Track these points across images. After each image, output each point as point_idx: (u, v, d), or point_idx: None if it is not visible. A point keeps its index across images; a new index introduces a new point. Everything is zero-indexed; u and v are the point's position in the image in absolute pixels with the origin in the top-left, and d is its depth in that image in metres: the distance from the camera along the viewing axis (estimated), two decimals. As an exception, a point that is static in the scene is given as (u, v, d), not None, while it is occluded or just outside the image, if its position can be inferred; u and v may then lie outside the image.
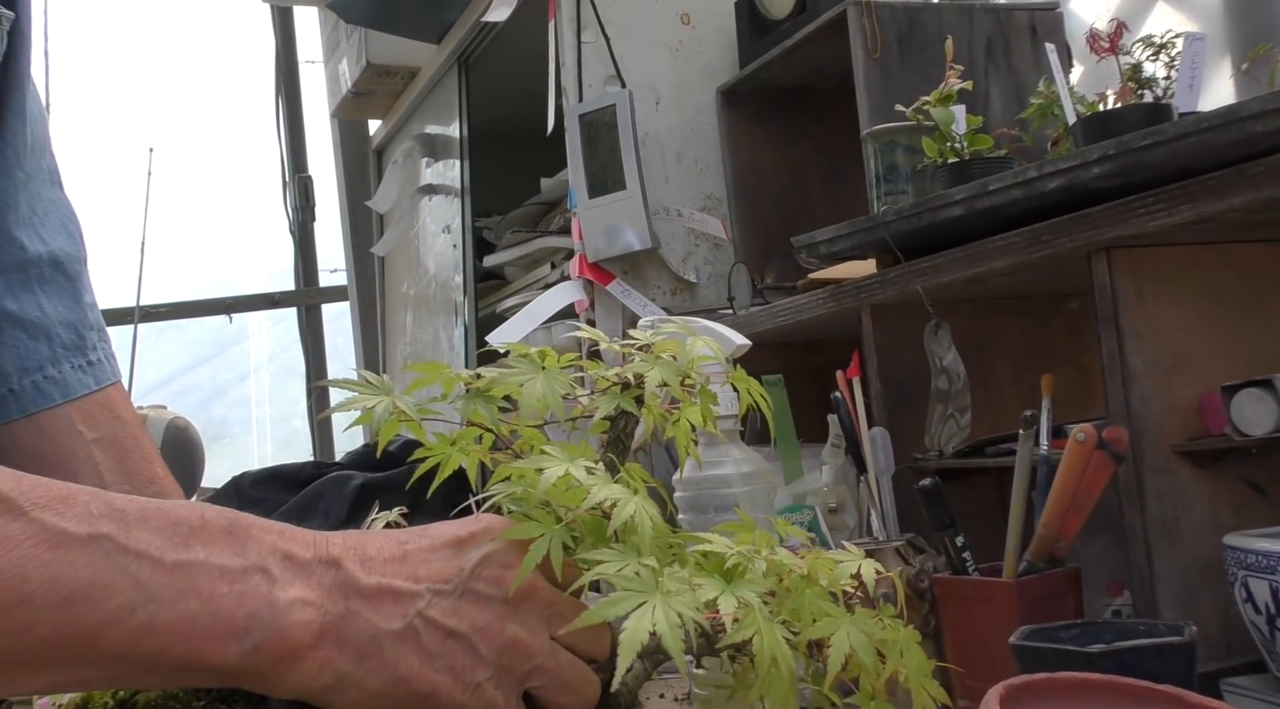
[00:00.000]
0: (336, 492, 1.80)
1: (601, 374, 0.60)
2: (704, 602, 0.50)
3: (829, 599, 0.54)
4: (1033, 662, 0.80)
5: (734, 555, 0.53)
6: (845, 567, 0.55)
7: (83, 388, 0.84)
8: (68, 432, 0.83)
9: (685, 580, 0.51)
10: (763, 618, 0.49)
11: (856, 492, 1.22)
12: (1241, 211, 0.88)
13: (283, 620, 0.51)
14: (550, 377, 0.56)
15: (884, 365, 1.27)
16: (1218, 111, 0.87)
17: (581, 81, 1.86)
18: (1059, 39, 1.62)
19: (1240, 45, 1.51)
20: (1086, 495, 0.93)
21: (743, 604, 0.50)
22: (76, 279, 0.86)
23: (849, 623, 0.52)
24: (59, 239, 0.85)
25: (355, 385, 0.57)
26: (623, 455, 0.60)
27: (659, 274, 1.86)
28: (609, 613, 0.49)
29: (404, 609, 0.54)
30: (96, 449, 0.84)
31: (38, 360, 0.82)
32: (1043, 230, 1.03)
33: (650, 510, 0.53)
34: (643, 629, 0.47)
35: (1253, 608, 0.85)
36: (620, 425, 0.59)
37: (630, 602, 0.48)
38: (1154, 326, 0.99)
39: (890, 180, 1.32)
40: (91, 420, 0.85)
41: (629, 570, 0.50)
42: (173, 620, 0.49)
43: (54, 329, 0.83)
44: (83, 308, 0.86)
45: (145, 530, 0.50)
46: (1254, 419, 0.93)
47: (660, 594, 0.49)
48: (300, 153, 3.70)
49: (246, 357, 4.01)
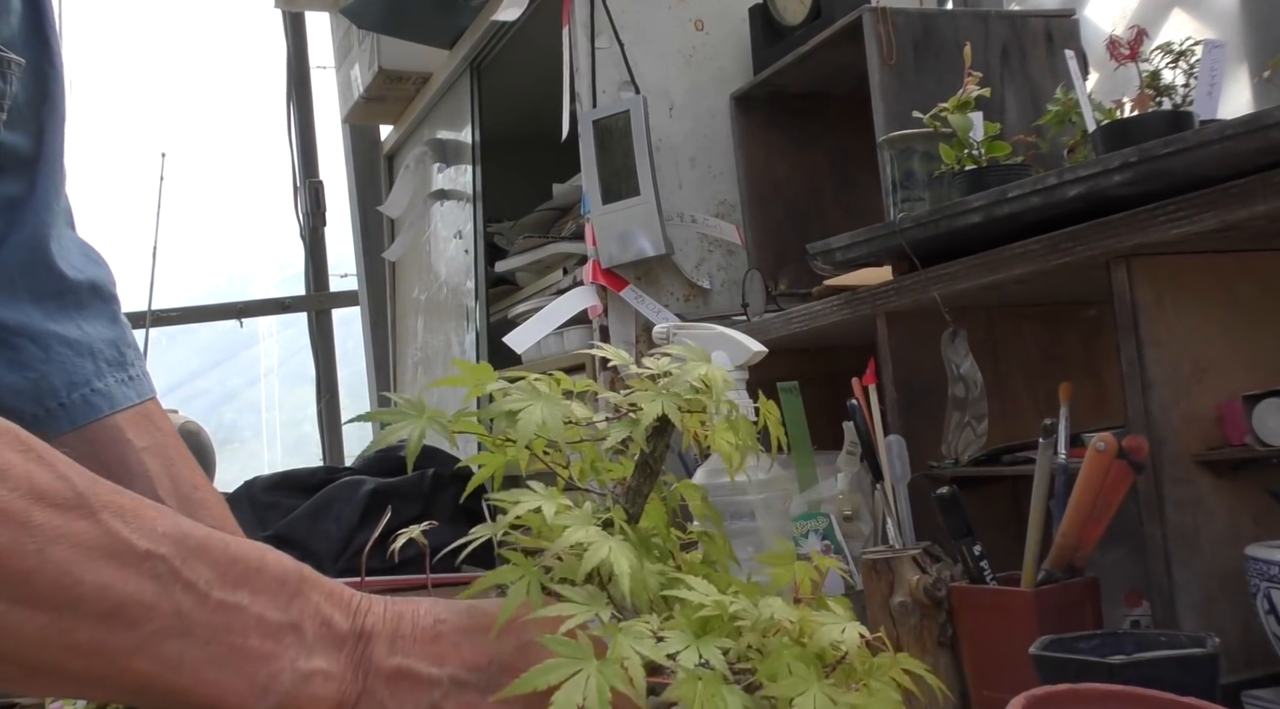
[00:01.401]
0: (348, 497, 1.80)
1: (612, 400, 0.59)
2: (665, 655, 0.48)
3: (812, 660, 0.52)
4: (1053, 672, 0.79)
5: (710, 607, 0.51)
6: (828, 630, 0.53)
7: (126, 400, 0.87)
8: (118, 440, 0.86)
9: (650, 632, 0.49)
10: (708, 685, 0.47)
11: (872, 499, 1.22)
12: (1264, 220, 0.87)
13: (301, 690, 0.51)
14: (550, 403, 0.55)
15: (899, 373, 1.26)
16: (1241, 119, 0.86)
17: (595, 87, 1.86)
18: (1075, 46, 1.61)
19: (1257, 52, 1.51)
20: (1106, 505, 0.92)
21: (686, 671, 0.48)
22: (113, 301, 0.91)
23: (819, 687, 0.50)
24: (90, 268, 0.89)
25: (389, 415, 0.56)
26: (649, 481, 0.59)
27: (672, 280, 1.85)
28: (539, 681, 0.47)
29: (419, 697, 0.53)
30: (145, 457, 0.87)
31: (84, 375, 0.85)
32: (1062, 238, 1.02)
33: (629, 555, 0.51)
34: (571, 703, 0.46)
35: (1275, 619, 0.85)
36: (650, 448, 0.58)
37: (562, 671, 0.47)
38: (1174, 335, 0.99)
39: (906, 187, 1.31)
40: (137, 430, 0.88)
41: (581, 635, 0.48)
42: (201, 660, 0.49)
43: (97, 346, 0.87)
44: (120, 327, 0.91)
45: (202, 561, 0.50)
46: (1276, 429, 0.92)
47: (594, 663, 0.47)
48: (311, 158, 3.70)
49: (257, 361, 4.01)
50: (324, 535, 1.75)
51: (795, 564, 0.59)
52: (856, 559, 1.17)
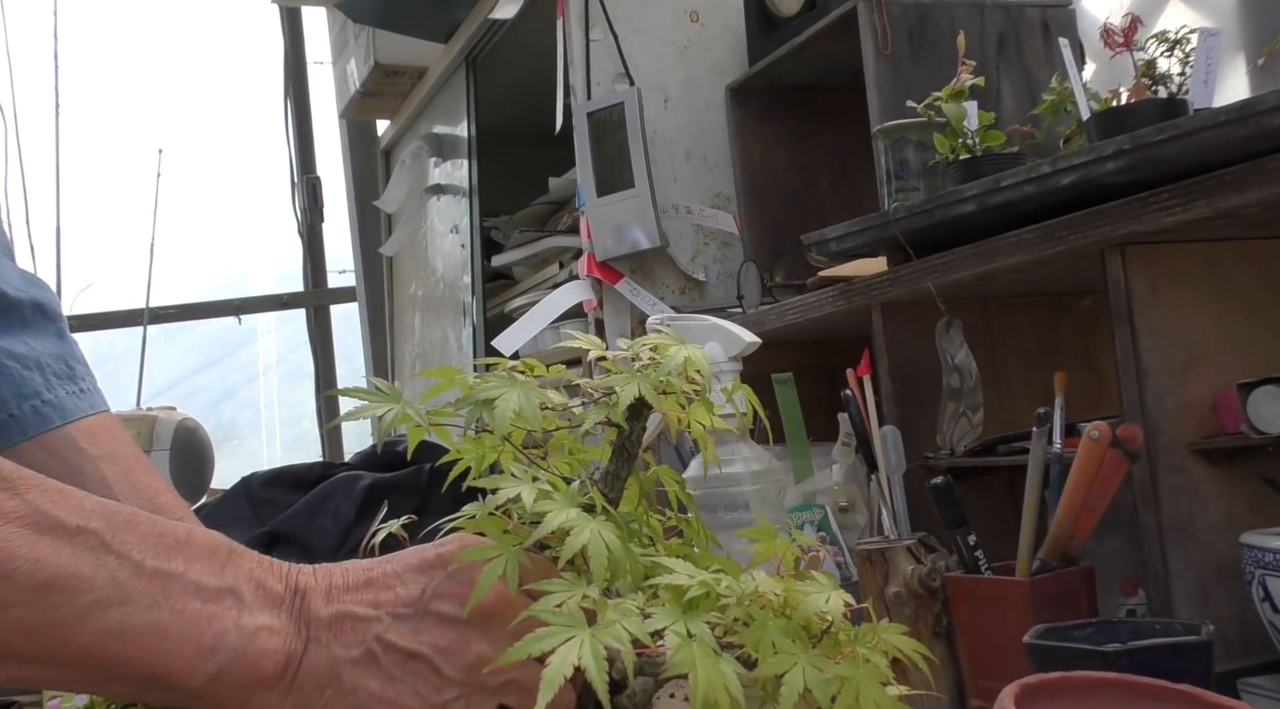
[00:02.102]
0: (345, 492, 1.79)
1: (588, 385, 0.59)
2: (650, 633, 0.49)
3: (798, 631, 0.52)
4: (1047, 661, 0.79)
5: (695, 585, 0.52)
6: (813, 600, 0.54)
7: (79, 411, 0.87)
8: (72, 449, 0.86)
9: (637, 610, 0.50)
10: (703, 653, 0.48)
11: (867, 490, 1.21)
12: (1258, 207, 0.87)
13: (249, 646, 0.52)
14: (526, 389, 0.55)
15: (895, 363, 1.26)
16: (1234, 106, 0.86)
17: (590, 80, 1.85)
18: (1071, 35, 1.61)
19: (1254, 41, 1.50)
20: (1100, 494, 0.92)
21: (681, 637, 0.49)
22: (58, 319, 0.90)
23: (806, 659, 0.50)
24: (34, 289, 0.88)
25: (364, 394, 0.56)
26: (627, 464, 0.59)
27: (668, 273, 1.85)
28: (534, 648, 0.48)
29: (361, 635, 0.54)
30: (102, 465, 0.86)
31: (33, 387, 0.85)
32: (1056, 226, 1.02)
33: (609, 536, 0.52)
34: (567, 664, 0.47)
35: (1270, 607, 0.84)
36: (625, 434, 0.58)
37: (556, 637, 0.48)
38: (1168, 324, 0.98)
39: (901, 177, 1.31)
40: (93, 439, 0.87)
41: (572, 602, 0.49)
42: (143, 627, 0.50)
43: (44, 360, 0.87)
44: (67, 343, 0.90)
45: (132, 534, 0.51)
46: (1271, 417, 0.92)
47: (588, 630, 0.48)
48: (308, 153, 3.70)
49: (255, 358, 4.01)
50: (321, 531, 1.75)
51: (777, 540, 0.59)
52: (852, 550, 1.17)
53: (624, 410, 0.56)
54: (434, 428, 0.58)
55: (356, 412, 0.55)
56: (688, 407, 0.58)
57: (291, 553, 1.71)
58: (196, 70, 3.97)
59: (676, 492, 0.65)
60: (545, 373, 0.60)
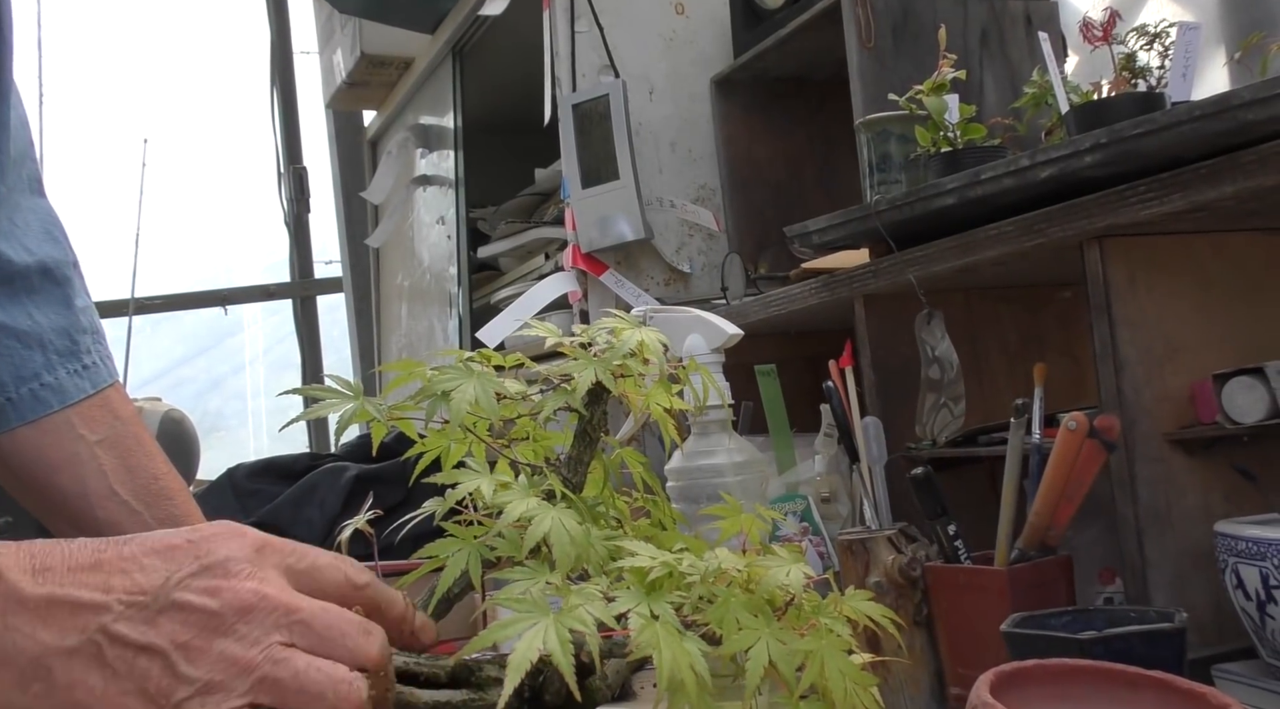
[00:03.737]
0: (331, 483, 1.80)
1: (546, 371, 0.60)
2: (614, 615, 0.49)
3: (762, 606, 0.53)
4: (1024, 649, 0.80)
5: (657, 566, 0.52)
6: (774, 573, 0.54)
7: (79, 392, 0.85)
8: (69, 436, 0.84)
9: (601, 594, 0.50)
10: (667, 633, 0.48)
11: (849, 481, 1.22)
12: (1233, 200, 0.88)
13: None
14: (482, 380, 0.55)
15: (877, 355, 1.27)
16: (1209, 100, 0.87)
17: (575, 71, 1.85)
18: (1053, 28, 1.62)
19: (1235, 35, 1.51)
20: (1078, 484, 0.93)
21: (644, 619, 0.49)
22: (66, 284, 0.87)
23: (769, 634, 0.51)
24: (45, 246, 0.85)
25: (322, 392, 0.56)
26: (589, 449, 0.60)
27: (652, 264, 1.85)
28: (500, 635, 0.48)
29: (82, 623, 0.48)
30: (99, 450, 0.85)
31: (33, 368, 0.83)
32: (1035, 219, 1.03)
33: (569, 523, 0.52)
34: (533, 649, 0.46)
35: (1243, 594, 0.86)
36: (586, 419, 0.58)
37: (521, 624, 0.48)
38: (1146, 315, 0.99)
39: (883, 170, 1.31)
40: (92, 423, 0.86)
41: (535, 589, 0.49)
42: None
43: (47, 336, 0.84)
44: (74, 312, 0.87)
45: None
46: (1245, 407, 0.93)
47: (551, 616, 0.48)
48: (295, 144, 3.69)
49: (242, 349, 4.01)
50: (307, 522, 1.75)
51: (742, 516, 0.60)
52: (834, 540, 1.18)
53: (583, 396, 0.57)
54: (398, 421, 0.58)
55: (315, 409, 0.55)
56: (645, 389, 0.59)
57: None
58: (182, 60, 3.95)
59: (641, 473, 0.65)
60: (503, 363, 0.60)
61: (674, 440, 0.63)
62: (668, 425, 0.61)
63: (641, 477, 0.66)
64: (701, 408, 0.69)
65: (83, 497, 0.84)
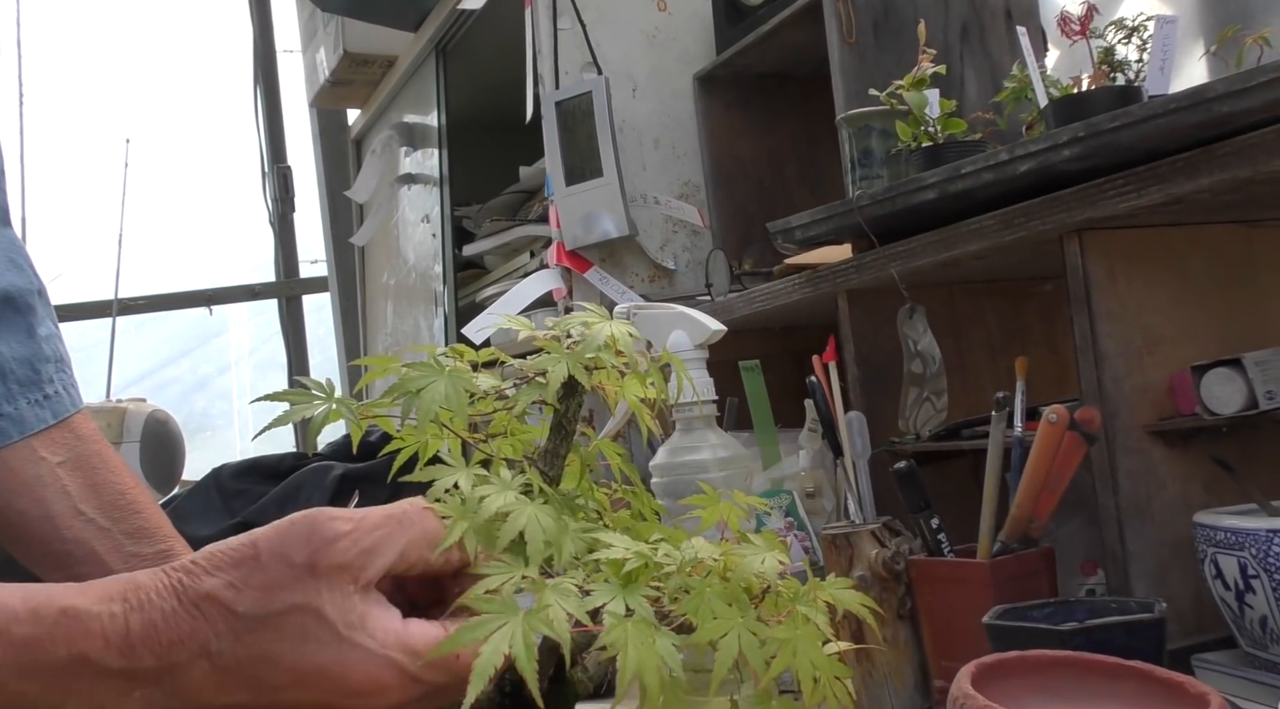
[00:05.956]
0: (317, 482, 1.79)
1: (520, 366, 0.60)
2: (590, 609, 0.49)
3: (737, 595, 0.53)
4: (1005, 640, 0.81)
5: (632, 558, 0.52)
6: (750, 561, 0.54)
7: (40, 423, 0.85)
8: (31, 459, 0.84)
9: (576, 588, 0.50)
10: (638, 631, 0.48)
11: (834, 475, 1.23)
12: (1210, 192, 0.88)
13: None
14: (453, 377, 0.55)
15: (860, 350, 1.27)
16: (1185, 93, 0.87)
17: (558, 69, 1.85)
18: (1033, 23, 1.62)
19: (1214, 29, 1.52)
20: (1059, 476, 0.94)
21: (614, 616, 0.49)
22: (29, 313, 0.86)
23: (742, 624, 0.51)
24: (8, 275, 0.85)
25: (295, 395, 0.56)
26: (565, 442, 0.60)
27: (637, 261, 1.86)
28: (466, 639, 0.48)
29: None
30: (62, 472, 0.85)
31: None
32: (1015, 213, 1.03)
33: (545, 518, 0.52)
34: (498, 654, 0.46)
35: (1222, 584, 0.86)
36: (561, 412, 0.59)
37: (488, 626, 0.47)
38: (1125, 308, 1.00)
39: (865, 165, 1.32)
40: (53, 446, 0.85)
41: (507, 588, 0.49)
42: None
43: (8, 366, 0.84)
44: (37, 341, 0.87)
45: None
46: (1223, 398, 0.94)
47: (520, 616, 0.48)
48: (279, 143, 3.68)
49: (227, 349, 3.99)
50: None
51: (721, 503, 0.60)
52: (819, 535, 1.18)
53: (556, 390, 0.57)
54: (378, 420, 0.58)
55: (289, 414, 0.55)
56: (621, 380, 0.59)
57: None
58: (164, 59, 3.93)
59: (619, 465, 0.66)
60: (476, 358, 0.60)
61: (651, 430, 0.63)
62: (644, 415, 0.61)
63: (620, 468, 0.66)
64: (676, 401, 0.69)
65: (47, 519, 0.83)
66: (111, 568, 0.84)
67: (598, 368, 0.58)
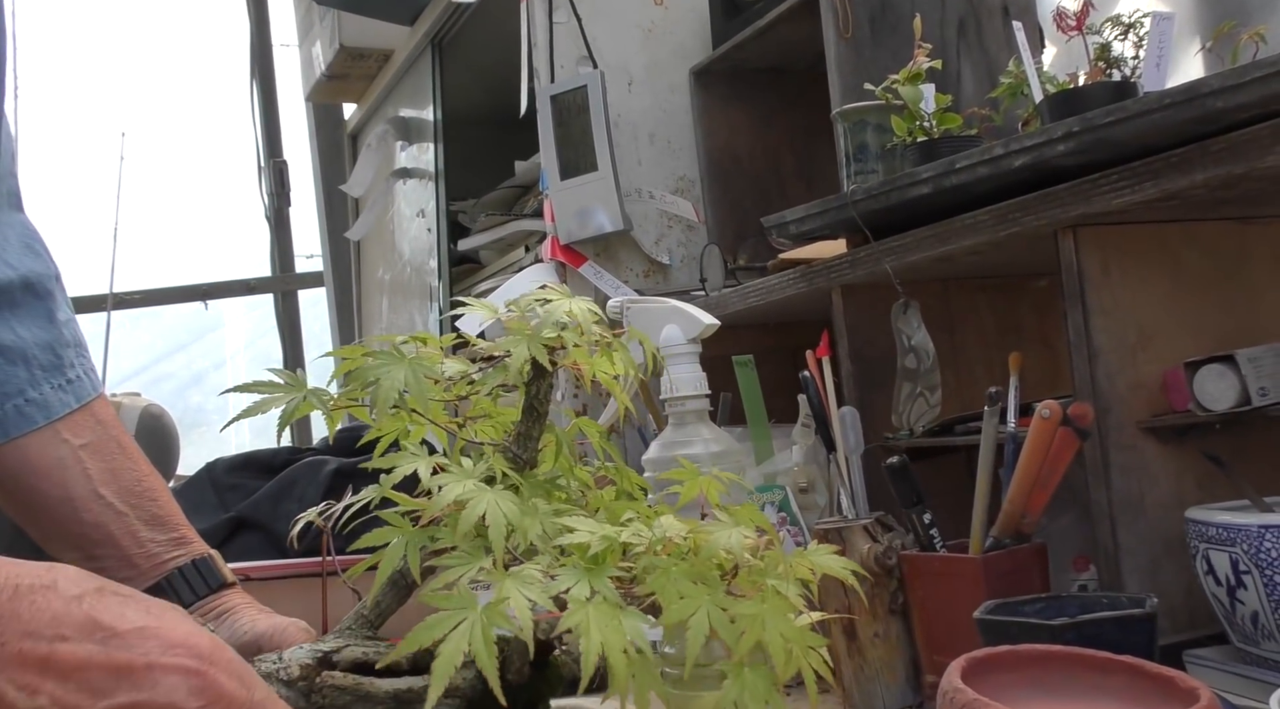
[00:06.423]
0: (311, 477, 1.79)
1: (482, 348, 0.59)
2: (552, 595, 0.49)
3: (705, 572, 0.52)
4: (996, 635, 0.81)
5: (596, 541, 0.52)
6: (717, 538, 0.54)
7: (64, 407, 0.86)
8: (53, 442, 0.85)
9: (542, 574, 0.50)
10: (601, 613, 0.48)
11: (827, 471, 1.23)
12: (1204, 188, 0.88)
13: None
14: (414, 364, 0.55)
15: (854, 345, 1.27)
16: (1179, 88, 0.87)
17: (553, 62, 1.85)
18: (1030, 19, 1.62)
19: (1209, 24, 1.52)
20: (1052, 472, 0.94)
21: (576, 600, 0.49)
22: (49, 298, 0.87)
23: (710, 601, 0.50)
24: (26, 261, 0.85)
25: (261, 388, 0.56)
26: (538, 423, 0.60)
27: (631, 256, 1.85)
28: (425, 638, 0.47)
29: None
30: (84, 454, 0.86)
31: (17, 384, 0.83)
32: (1010, 208, 1.03)
33: (505, 505, 0.51)
34: (457, 653, 0.46)
35: (1214, 580, 0.86)
36: (532, 393, 0.58)
37: (446, 624, 0.47)
38: (1119, 304, 1.00)
39: (860, 160, 1.31)
40: (76, 429, 0.86)
41: (462, 581, 0.49)
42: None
43: (30, 352, 0.84)
44: (58, 326, 0.87)
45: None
46: (1216, 395, 0.94)
47: (479, 611, 0.47)
48: (275, 137, 3.67)
49: (223, 343, 3.99)
50: (287, 516, 1.75)
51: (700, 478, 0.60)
52: (811, 530, 1.18)
53: (526, 371, 0.57)
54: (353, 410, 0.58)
55: (259, 404, 0.55)
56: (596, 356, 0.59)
57: (257, 538, 1.71)
58: (160, 52, 3.92)
59: (598, 442, 0.65)
60: (439, 343, 0.60)
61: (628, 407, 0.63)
62: (616, 390, 0.61)
63: (600, 446, 0.66)
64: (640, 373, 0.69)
65: (67, 501, 0.84)
66: (126, 552, 0.85)
67: (560, 347, 0.58)
